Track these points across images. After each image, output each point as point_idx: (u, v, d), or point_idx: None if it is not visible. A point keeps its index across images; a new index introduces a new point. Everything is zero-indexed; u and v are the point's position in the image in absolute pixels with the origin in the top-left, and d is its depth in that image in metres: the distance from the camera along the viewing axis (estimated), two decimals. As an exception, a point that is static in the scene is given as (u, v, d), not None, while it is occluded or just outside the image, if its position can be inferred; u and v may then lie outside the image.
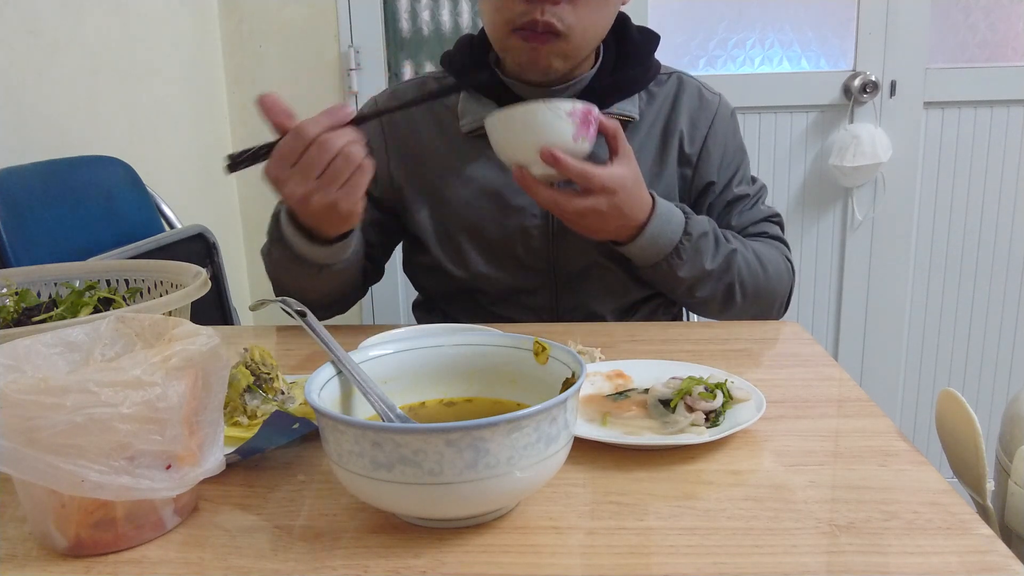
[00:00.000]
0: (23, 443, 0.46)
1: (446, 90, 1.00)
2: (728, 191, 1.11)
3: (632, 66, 1.08)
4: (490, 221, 1.07)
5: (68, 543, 0.51)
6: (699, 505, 0.56)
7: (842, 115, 2.03)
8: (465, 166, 1.08)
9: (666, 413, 0.67)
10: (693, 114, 1.10)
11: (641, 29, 1.11)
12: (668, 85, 1.11)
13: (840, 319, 2.16)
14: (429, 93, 1.10)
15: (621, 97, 1.07)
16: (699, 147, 1.09)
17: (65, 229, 1.23)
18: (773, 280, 1.06)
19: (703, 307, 1.07)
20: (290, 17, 2.06)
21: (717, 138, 1.10)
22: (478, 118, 1.06)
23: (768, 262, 1.06)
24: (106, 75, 1.57)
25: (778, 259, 1.08)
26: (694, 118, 1.10)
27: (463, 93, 1.09)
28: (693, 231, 0.97)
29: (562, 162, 0.86)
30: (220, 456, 0.55)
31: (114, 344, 0.58)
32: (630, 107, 1.07)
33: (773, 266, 1.06)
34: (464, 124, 1.07)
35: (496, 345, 0.64)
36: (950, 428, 0.77)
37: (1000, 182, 2.06)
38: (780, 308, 1.11)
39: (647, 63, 1.09)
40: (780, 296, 1.08)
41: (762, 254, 1.06)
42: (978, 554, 0.49)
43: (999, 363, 2.17)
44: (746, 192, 1.12)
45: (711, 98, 1.12)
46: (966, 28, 2.00)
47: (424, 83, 1.15)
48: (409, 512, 0.53)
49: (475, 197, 1.07)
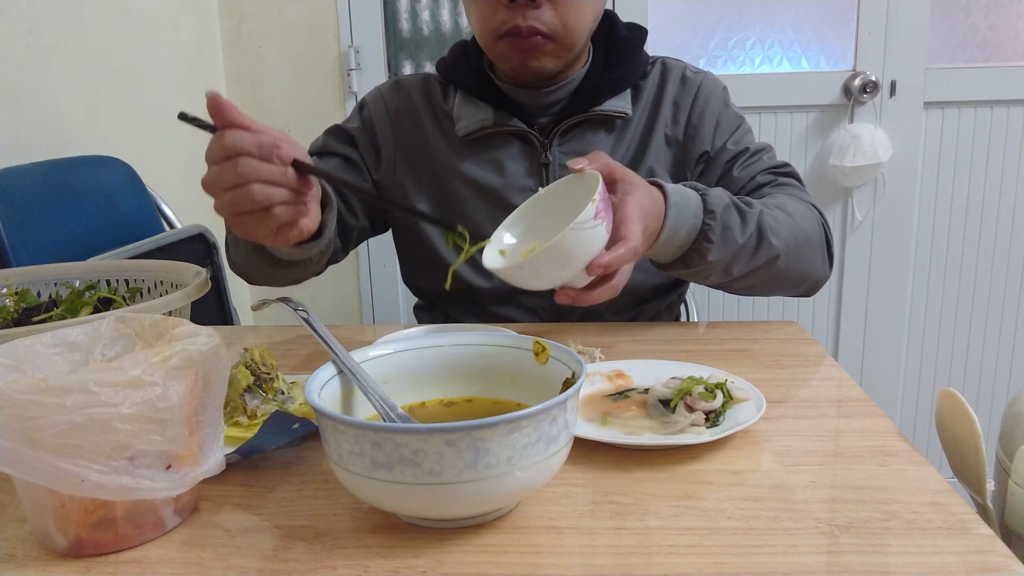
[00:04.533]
0: (23, 443, 0.46)
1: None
2: (724, 152, 1.07)
3: (621, 63, 1.08)
4: (489, 221, 1.07)
5: (68, 543, 0.51)
6: (699, 505, 0.56)
7: (842, 115, 2.03)
8: (463, 168, 1.08)
9: (666, 413, 0.67)
10: (676, 97, 1.09)
11: (628, 25, 1.12)
12: (653, 74, 1.11)
13: (840, 319, 2.16)
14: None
15: (613, 94, 1.07)
16: (683, 126, 1.08)
17: (65, 229, 1.24)
18: (809, 230, 0.97)
19: (746, 286, 0.97)
20: (290, 17, 2.06)
21: (705, 112, 1.09)
22: (475, 121, 1.07)
23: (795, 212, 0.97)
24: (106, 75, 1.57)
25: (802, 208, 0.99)
26: (677, 100, 1.09)
27: (458, 97, 1.10)
28: (716, 207, 0.88)
29: (614, 264, 0.77)
30: (220, 456, 0.55)
31: (114, 344, 0.58)
32: (623, 103, 1.07)
33: (801, 215, 0.97)
34: (460, 128, 1.08)
35: (496, 345, 0.64)
36: (950, 428, 0.77)
37: (1000, 182, 2.06)
38: (824, 261, 1.02)
39: (636, 59, 1.09)
40: (816, 242, 1.00)
41: (786, 206, 0.97)
42: (978, 554, 0.49)
43: (999, 363, 2.17)
44: (745, 147, 1.07)
45: (694, 77, 1.11)
46: (966, 28, 2.00)
47: (427, 80, 1.15)
48: (409, 512, 0.53)
49: (473, 198, 1.07)
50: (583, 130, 1.08)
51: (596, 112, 1.06)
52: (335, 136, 1.14)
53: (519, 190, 1.06)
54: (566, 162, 0.84)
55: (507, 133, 1.07)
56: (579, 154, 0.92)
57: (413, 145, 1.12)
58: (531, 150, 1.07)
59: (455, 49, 1.14)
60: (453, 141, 1.09)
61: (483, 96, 1.07)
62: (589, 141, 1.07)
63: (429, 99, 1.13)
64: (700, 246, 0.88)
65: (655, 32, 2.02)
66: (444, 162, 1.09)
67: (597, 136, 1.08)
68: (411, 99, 1.13)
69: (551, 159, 1.07)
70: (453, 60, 1.12)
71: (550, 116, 1.08)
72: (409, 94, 1.13)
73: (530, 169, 1.07)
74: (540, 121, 1.08)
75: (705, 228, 0.87)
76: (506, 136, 1.08)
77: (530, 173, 1.07)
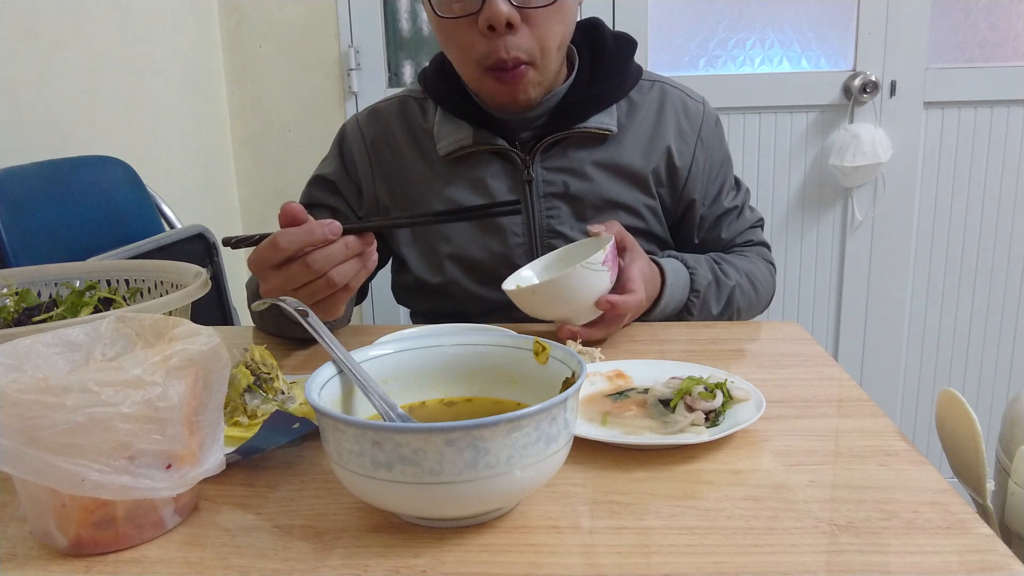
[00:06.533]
0: (23, 442, 0.46)
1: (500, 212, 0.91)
2: (717, 205, 1.13)
3: (609, 77, 1.06)
4: (472, 243, 1.07)
5: (68, 542, 0.51)
6: (699, 505, 0.56)
7: (842, 115, 2.03)
8: (445, 188, 1.07)
9: (666, 413, 0.67)
10: (681, 127, 1.09)
11: (617, 35, 1.10)
12: (651, 95, 1.10)
13: (840, 319, 2.16)
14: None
15: (598, 110, 1.05)
16: (689, 161, 1.09)
17: (65, 229, 1.24)
18: (763, 296, 1.14)
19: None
20: (290, 17, 2.06)
21: (704, 152, 1.10)
22: (454, 140, 1.05)
23: (759, 282, 1.12)
24: (106, 75, 1.57)
25: (765, 273, 1.14)
26: (682, 130, 1.09)
27: (439, 115, 1.08)
28: (700, 286, 1.03)
29: (620, 306, 0.88)
30: (220, 456, 0.55)
31: (114, 344, 0.58)
32: (607, 120, 1.05)
33: (763, 284, 1.13)
34: (441, 147, 1.06)
35: (496, 345, 0.64)
36: (950, 428, 0.77)
37: (1000, 182, 2.06)
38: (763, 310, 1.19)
39: (625, 71, 1.07)
40: (765, 304, 1.17)
41: (754, 275, 1.11)
42: (978, 554, 0.49)
43: (999, 363, 2.17)
44: (734, 204, 1.15)
45: (696, 108, 1.11)
46: (966, 28, 2.00)
47: (404, 101, 1.13)
48: (409, 512, 0.53)
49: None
50: (566, 147, 1.06)
51: (579, 129, 1.04)
52: (317, 187, 1.13)
53: None
54: (587, 227, 0.96)
55: (487, 151, 1.06)
56: (563, 171, 1.05)
57: (393, 174, 1.10)
58: (513, 168, 1.06)
59: (434, 63, 1.11)
60: (434, 162, 1.08)
61: (461, 113, 1.06)
62: (573, 157, 1.06)
63: (408, 123, 1.11)
64: (680, 315, 1.04)
65: (655, 32, 2.02)
66: (426, 186, 1.08)
67: (581, 153, 1.06)
68: (389, 127, 1.11)
69: (534, 175, 1.05)
70: (432, 74, 1.10)
71: (532, 131, 1.06)
72: (387, 122, 1.12)
73: (512, 187, 1.06)
74: (522, 136, 1.06)
75: (689, 304, 1.03)
76: (487, 154, 1.06)
77: (513, 191, 1.06)
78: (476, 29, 0.94)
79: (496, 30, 0.92)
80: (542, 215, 1.06)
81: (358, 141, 1.12)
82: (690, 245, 1.15)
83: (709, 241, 1.15)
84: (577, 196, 1.06)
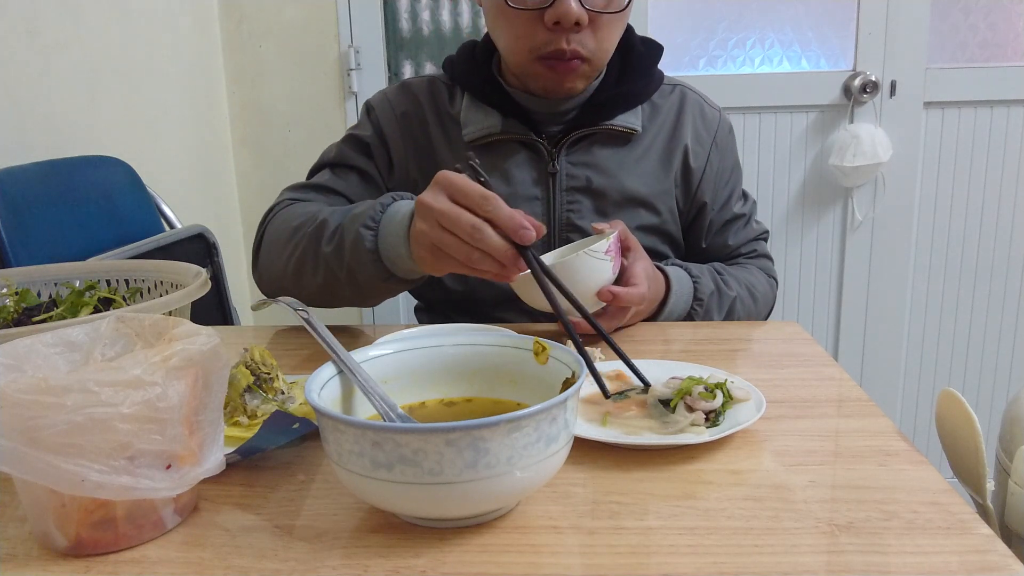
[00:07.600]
0: (23, 443, 0.46)
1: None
2: (726, 210, 1.15)
3: (636, 79, 1.08)
4: None
5: (68, 543, 0.51)
6: (699, 505, 0.56)
7: (842, 115, 2.03)
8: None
9: (666, 413, 0.67)
10: (697, 130, 1.11)
11: (645, 40, 1.12)
12: (672, 98, 1.12)
13: (840, 319, 2.16)
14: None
15: (624, 110, 1.07)
16: (703, 163, 1.11)
17: (65, 229, 1.24)
18: (762, 309, 1.15)
19: None
20: (290, 17, 2.06)
21: (718, 157, 1.13)
22: (483, 127, 1.06)
23: (759, 294, 1.12)
24: (106, 75, 1.57)
25: (766, 286, 1.15)
26: (699, 134, 1.11)
27: (466, 101, 1.09)
28: (703, 295, 1.03)
29: (621, 297, 0.88)
30: (220, 456, 0.55)
31: (114, 344, 0.58)
32: (633, 119, 1.07)
33: (763, 297, 1.14)
34: (467, 133, 1.07)
35: (496, 345, 0.64)
36: (950, 428, 0.77)
37: (1000, 182, 2.06)
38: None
39: (650, 74, 1.10)
40: (764, 317, 1.17)
41: (754, 287, 1.12)
42: (978, 554, 0.49)
43: (999, 363, 2.17)
44: (742, 212, 1.17)
45: (712, 115, 1.14)
46: (966, 28, 2.00)
47: (433, 82, 1.14)
48: (409, 512, 0.53)
49: None
50: (591, 143, 1.07)
51: (606, 126, 1.06)
52: (351, 145, 1.11)
53: (525, 199, 1.06)
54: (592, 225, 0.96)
55: (514, 140, 1.07)
56: (587, 166, 1.07)
57: (421, 148, 1.11)
58: (538, 159, 1.07)
59: (463, 50, 1.13)
60: (458, 147, 1.08)
61: (491, 101, 1.07)
62: (597, 154, 1.07)
63: (435, 103, 1.11)
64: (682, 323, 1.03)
65: (655, 32, 2.02)
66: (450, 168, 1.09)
67: (605, 150, 1.07)
68: (418, 102, 1.12)
69: (558, 168, 1.06)
70: (461, 61, 1.11)
71: (560, 125, 1.08)
72: (416, 97, 1.12)
73: (537, 179, 1.07)
74: (549, 130, 1.07)
75: (692, 312, 1.03)
76: (513, 144, 1.07)
77: (537, 183, 1.07)
78: (541, 23, 0.96)
79: (562, 25, 0.95)
80: (563, 208, 1.07)
81: (388, 112, 1.12)
82: (697, 249, 1.16)
83: (716, 246, 1.16)
84: (599, 191, 1.07)
